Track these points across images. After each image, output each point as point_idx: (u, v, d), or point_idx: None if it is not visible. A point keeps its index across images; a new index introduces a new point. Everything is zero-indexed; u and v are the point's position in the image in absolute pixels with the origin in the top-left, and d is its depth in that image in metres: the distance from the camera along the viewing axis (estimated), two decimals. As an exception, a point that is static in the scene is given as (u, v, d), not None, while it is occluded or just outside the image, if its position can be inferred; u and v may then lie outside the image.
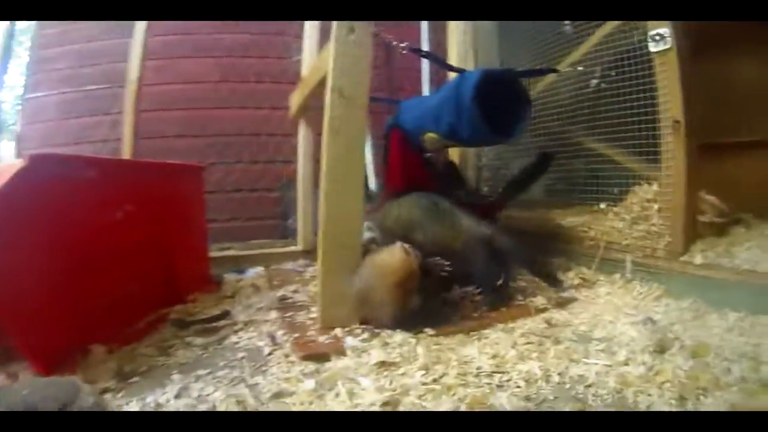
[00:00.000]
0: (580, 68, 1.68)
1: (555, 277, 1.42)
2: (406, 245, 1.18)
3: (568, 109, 1.83)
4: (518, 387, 0.89)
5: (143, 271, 1.35)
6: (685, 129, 1.41)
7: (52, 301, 1.04)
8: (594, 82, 1.65)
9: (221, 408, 0.84)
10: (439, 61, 1.83)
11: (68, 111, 2.45)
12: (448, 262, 1.23)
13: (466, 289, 1.40)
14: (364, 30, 1.14)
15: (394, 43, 1.56)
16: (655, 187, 1.51)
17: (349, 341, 1.05)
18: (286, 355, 1.07)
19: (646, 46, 1.49)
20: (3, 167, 1.08)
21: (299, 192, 2.24)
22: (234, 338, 1.21)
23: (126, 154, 1.87)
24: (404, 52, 1.58)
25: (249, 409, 0.83)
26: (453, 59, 2.08)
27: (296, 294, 1.52)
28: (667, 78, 1.44)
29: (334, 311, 1.14)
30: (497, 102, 1.45)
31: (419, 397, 0.85)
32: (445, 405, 0.82)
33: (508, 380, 0.92)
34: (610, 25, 1.63)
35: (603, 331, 1.13)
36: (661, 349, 0.98)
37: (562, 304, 1.33)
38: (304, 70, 2.04)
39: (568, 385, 0.90)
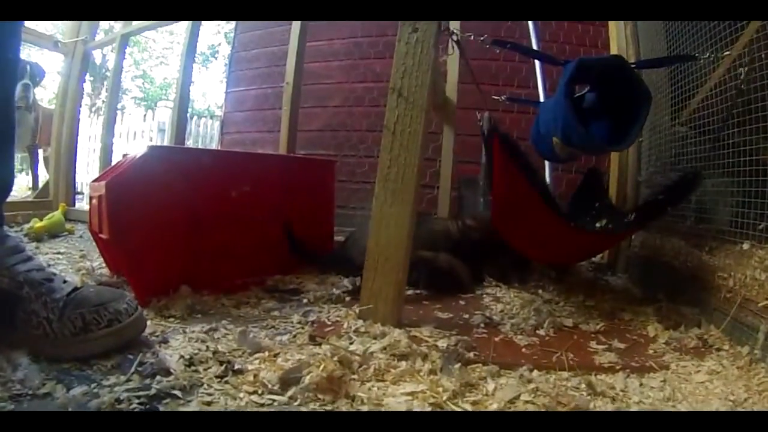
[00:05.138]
0: (726, 53, 1.28)
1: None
2: None
3: (733, 111, 1.39)
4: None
5: (260, 241, 1.60)
6: None
7: (162, 252, 1.33)
8: (743, 71, 1.23)
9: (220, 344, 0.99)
10: (534, 53, 1.57)
11: (263, 103, 2.91)
12: None
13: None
14: (428, 29, 1.11)
15: (473, 37, 1.41)
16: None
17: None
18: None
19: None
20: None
21: (441, 191, 2.26)
22: (289, 311, 1.30)
23: (282, 144, 2.15)
24: (487, 46, 1.41)
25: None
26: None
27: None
28: None
29: (371, 308, 1.15)
30: (610, 99, 1.23)
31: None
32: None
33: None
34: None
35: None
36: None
37: (639, 368, 1.01)
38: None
39: None
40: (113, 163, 1.91)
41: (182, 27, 2.60)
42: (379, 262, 1.14)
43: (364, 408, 0.77)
